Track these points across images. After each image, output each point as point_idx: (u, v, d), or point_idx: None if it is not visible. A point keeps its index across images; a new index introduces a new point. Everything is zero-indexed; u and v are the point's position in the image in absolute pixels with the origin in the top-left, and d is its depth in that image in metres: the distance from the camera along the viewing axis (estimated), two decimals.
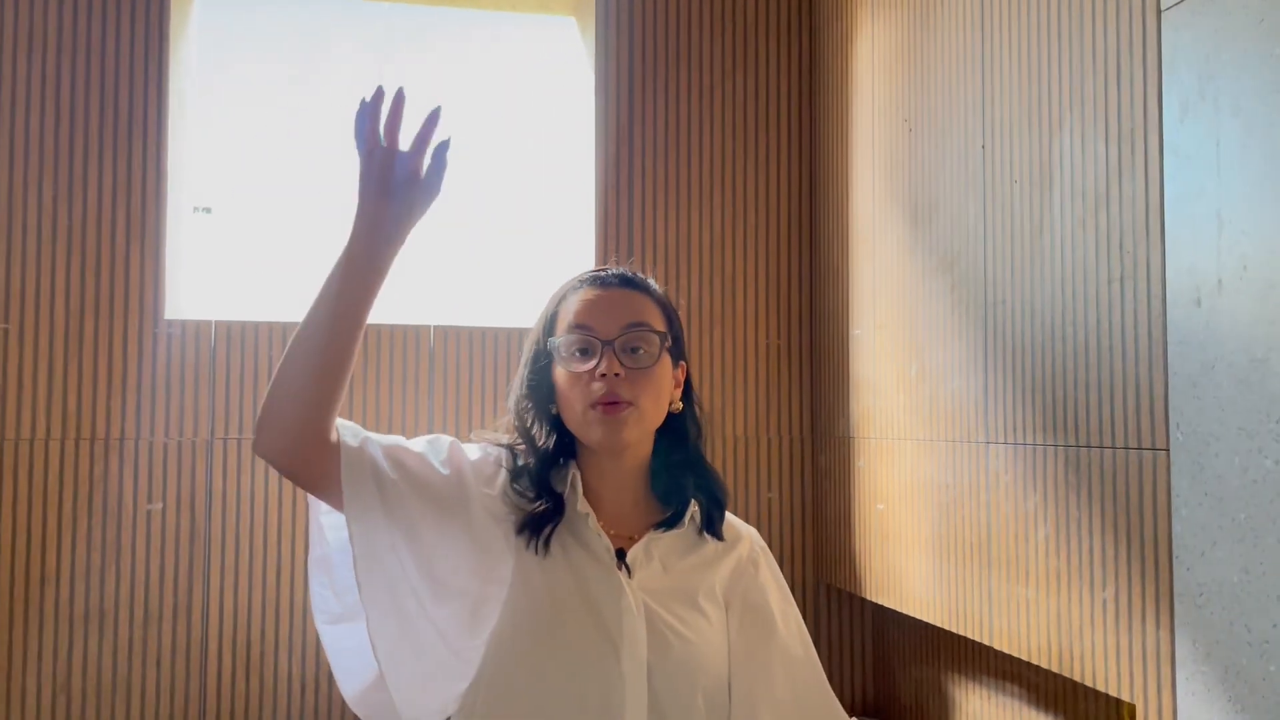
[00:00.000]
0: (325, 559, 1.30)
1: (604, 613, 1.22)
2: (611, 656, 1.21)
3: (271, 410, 1.17)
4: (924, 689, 2.19)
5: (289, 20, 2.52)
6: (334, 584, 1.29)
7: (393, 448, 1.26)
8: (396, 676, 1.20)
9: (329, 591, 1.30)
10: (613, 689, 1.20)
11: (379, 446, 1.25)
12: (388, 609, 1.20)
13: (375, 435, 1.27)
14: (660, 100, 2.43)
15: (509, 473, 1.31)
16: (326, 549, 1.29)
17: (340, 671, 1.32)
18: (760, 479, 2.42)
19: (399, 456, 1.25)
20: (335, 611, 1.30)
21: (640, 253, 2.39)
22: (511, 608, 1.23)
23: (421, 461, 1.27)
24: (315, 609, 1.31)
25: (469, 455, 1.32)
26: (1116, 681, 1.41)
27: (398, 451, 1.26)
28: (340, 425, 1.23)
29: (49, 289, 2.13)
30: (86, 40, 2.18)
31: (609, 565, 1.26)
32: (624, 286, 1.32)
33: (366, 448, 1.23)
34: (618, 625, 1.22)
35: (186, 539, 2.15)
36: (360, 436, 1.24)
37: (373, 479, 1.21)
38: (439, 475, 1.27)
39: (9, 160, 2.13)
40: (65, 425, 2.12)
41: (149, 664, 2.12)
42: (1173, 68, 1.33)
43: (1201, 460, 1.26)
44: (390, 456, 1.24)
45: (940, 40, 1.90)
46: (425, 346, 2.28)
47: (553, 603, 1.23)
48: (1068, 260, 1.53)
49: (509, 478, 1.30)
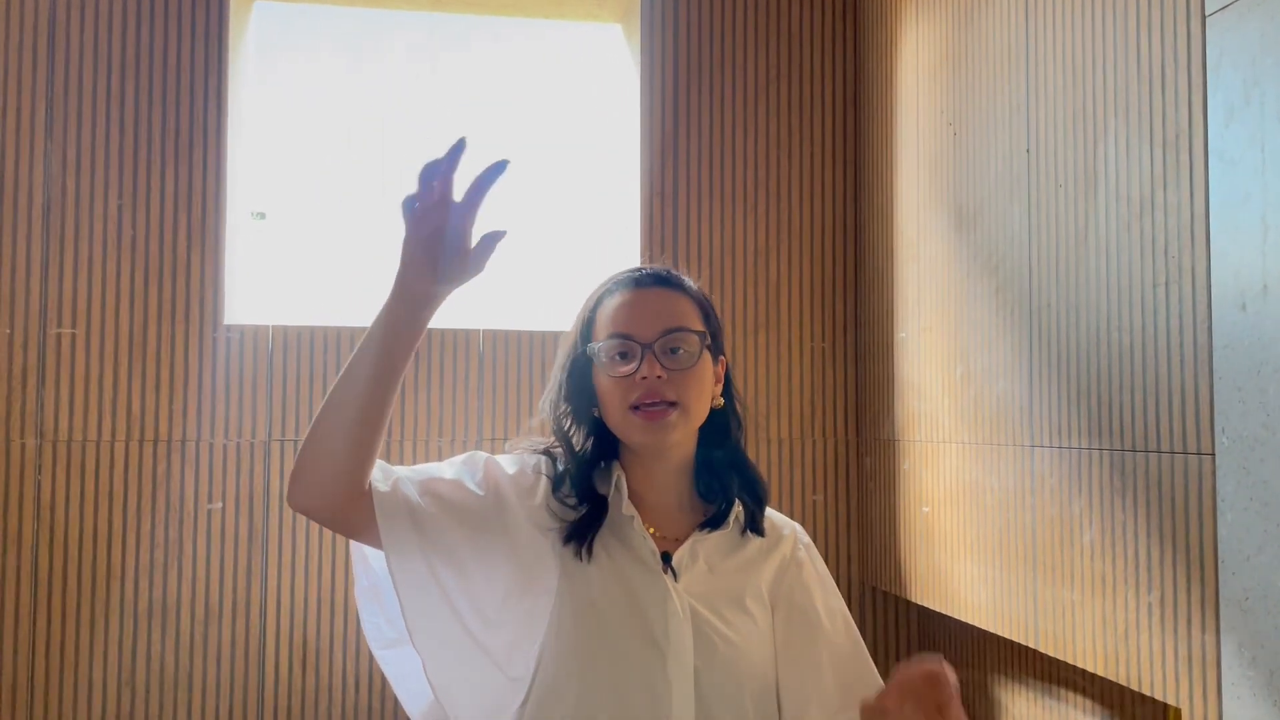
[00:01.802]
0: (373, 589, 1.30)
1: (650, 619, 1.22)
2: (658, 663, 1.21)
3: (307, 467, 1.16)
4: (970, 692, 2.19)
5: (339, 30, 2.58)
6: (384, 611, 1.30)
7: (426, 481, 1.26)
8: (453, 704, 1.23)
9: (380, 619, 1.31)
10: (659, 696, 1.20)
11: (412, 485, 1.24)
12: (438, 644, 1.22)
13: (404, 471, 1.26)
14: (705, 106, 2.45)
15: (551, 480, 1.31)
16: (373, 579, 1.30)
17: (403, 694, 1.33)
18: (805, 481, 2.44)
19: (433, 489, 1.25)
20: (389, 637, 1.31)
21: (685, 258, 2.41)
22: (558, 617, 1.23)
23: (456, 488, 1.26)
24: (369, 637, 1.32)
25: (506, 469, 1.31)
26: (1162, 685, 1.41)
27: (431, 484, 1.25)
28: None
29: (114, 296, 2.21)
30: (150, 55, 2.25)
31: (655, 569, 1.26)
32: (659, 286, 1.31)
33: (399, 489, 1.22)
34: (664, 631, 1.22)
35: (245, 538, 2.21)
36: (391, 479, 1.23)
37: (409, 520, 1.21)
38: (475, 498, 1.26)
39: (75, 172, 2.20)
40: (130, 427, 2.19)
41: (209, 659, 2.19)
42: (1218, 72, 1.32)
43: (1247, 465, 1.26)
44: (425, 491, 1.24)
45: (985, 44, 1.91)
46: (475, 350, 2.33)
47: (598, 610, 1.23)
48: (1113, 264, 1.53)
49: (550, 486, 1.30)
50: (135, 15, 2.25)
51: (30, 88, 2.20)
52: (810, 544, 1.40)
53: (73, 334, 2.19)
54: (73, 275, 2.19)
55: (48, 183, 2.19)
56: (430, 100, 2.58)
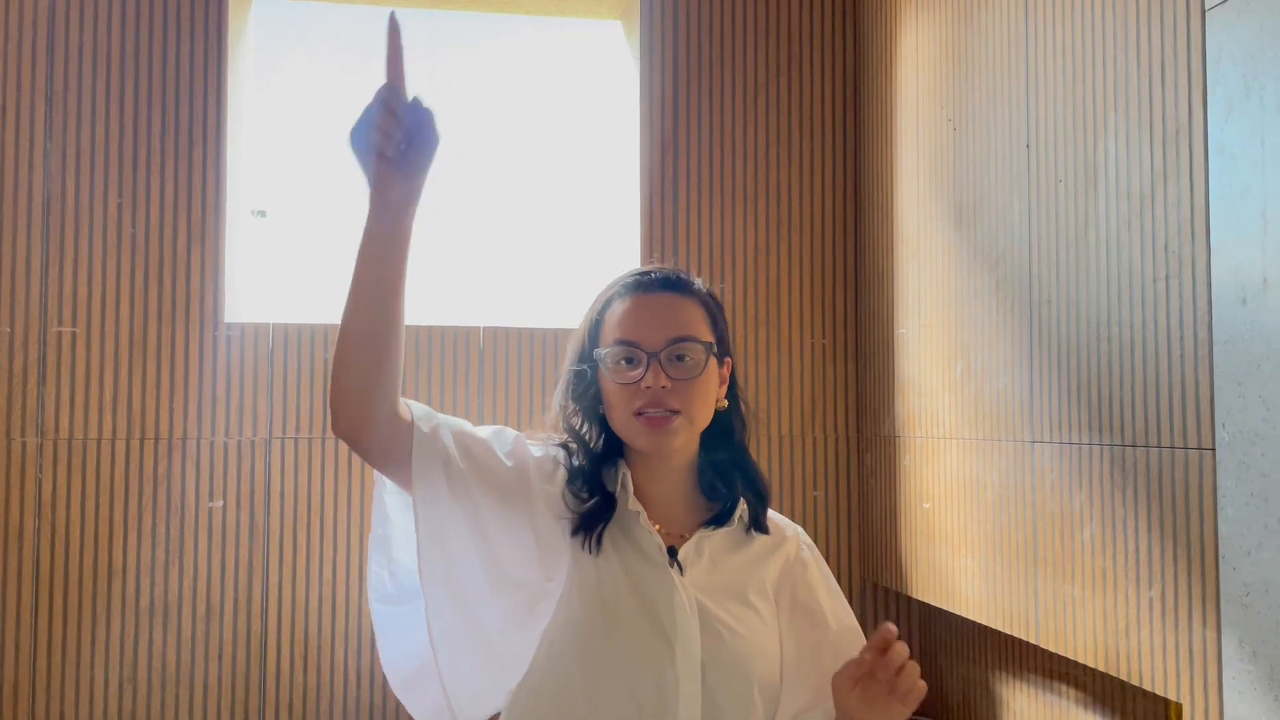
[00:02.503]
0: (386, 539, 1.32)
1: (658, 611, 1.23)
2: (666, 654, 1.22)
3: (337, 387, 1.20)
4: (971, 687, 2.19)
5: (340, 28, 2.57)
6: (392, 564, 1.32)
7: (461, 434, 1.27)
8: (449, 661, 1.22)
9: (385, 572, 1.32)
10: (667, 687, 1.21)
11: (450, 432, 1.26)
12: (446, 593, 1.22)
13: (445, 419, 1.28)
14: (705, 103, 2.45)
15: (567, 472, 1.32)
16: (389, 529, 1.31)
17: (387, 653, 1.33)
18: (806, 478, 2.44)
19: (467, 444, 1.27)
20: (390, 592, 1.32)
21: (685, 254, 2.41)
22: (566, 606, 1.24)
23: (487, 450, 1.28)
24: (371, 587, 1.33)
25: (532, 452, 1.33)
26: (1163, 680, 1.41)
27: (466, 439, 1.27)
28: (413, 407, 1.25)
29: (114, 294, 2.21)
30: (149, 54, 2.25)
31: (661, 563, 1.27)
32: (668, 291, 1.31)
33: (439, 434, 1.24)
34: (671, 623, 1.23)
35: (246, 535, 2.22)
36: (433, 422, 1.25)
37: (442, 465, 1.22)
38: (504, 466, 1.28)
39: (75, 171, 2.20)
40: (130, 426, 2.19)
41: (211, 656, 2.19)
42: (1217, 66, 1.32)
43: (1247, 459, 1.26)
44: (461, 446, 1.26)
45: (984, 40, 1.91)
46: (475, 347, 2.33)
47: (606, 602, 1.24)
48: (1113, 259, 1.53)
49: (566, 477, 1.32)
50: (135, 15, 2.25)
51: (30, 87, 2.20)
52: (813, 546, 1.42)
53: (73, 332, 2.19)
54: (73, 273, 2.19)
55: (48, 181, 2.19)
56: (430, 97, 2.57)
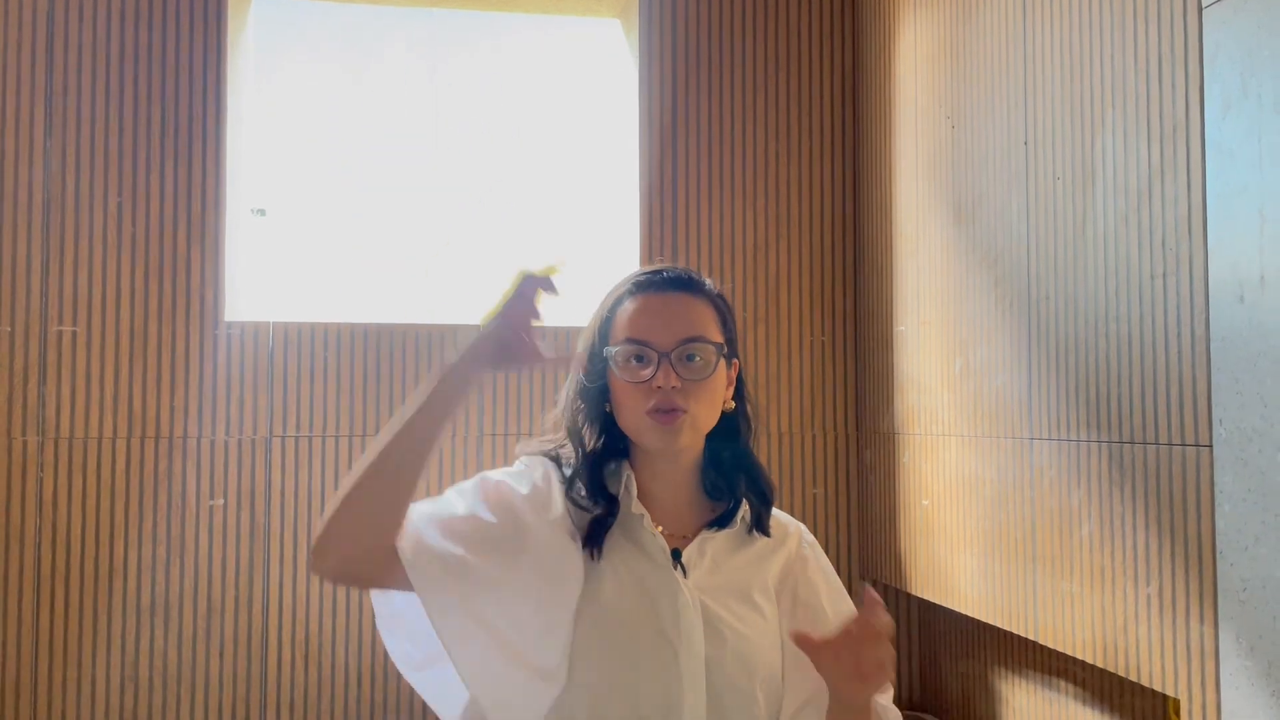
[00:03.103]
0: (396, 615, 1.28)
1: (661, 612, 1.24)
2: (670, 655, 1.23)
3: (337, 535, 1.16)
4: (970, 684, 2.20)
5: (340, 26, 2.58)
6: (411, 635, 1.28)
7: (444, 523, 1.24)
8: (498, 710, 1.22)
9: (408, 645, 1.30)
10: (671, 687, 1.22)
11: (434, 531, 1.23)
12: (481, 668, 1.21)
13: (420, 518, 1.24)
14: (704, 100, 2.45)
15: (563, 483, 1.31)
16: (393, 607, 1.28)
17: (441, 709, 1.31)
18: (805, 475, 2.44)
19: (454, 530, 1.24)
20: (418, 659, 1.30)
21: (684, 252, 2.42)
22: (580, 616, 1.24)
23: (474, 523, 1.25)
24: (398, 662, 1.31)
25: (518, 490, 1.30)
26: (1161, 676, 1.42)
27: (451, 526, 1.24)
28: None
29: (114, 293, 2.21)
30: (149, 53, 2.26)
31: (665, 565, 1.28)
32: (679, 291, 1.31)
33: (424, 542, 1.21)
34: (675, 624, 1.23)
35: (247, 533, 2.22)
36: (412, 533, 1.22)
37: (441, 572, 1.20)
38: (492, 525, 1.25)
39: (75, 170, 2.21)
40: (131, 424, 2.20)
41: (212, 654, 2.20)
42: (1214, 64, 1.33)
43: (1245, 456, 1.27)
44: (447, 534, 1.23)
45: (982, 37, 1.91)
46: None
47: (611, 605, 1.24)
48: (1111, 257, 1.54)
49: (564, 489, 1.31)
50: (134, 14, 2.25)
51: (30, 87, 2.20)
52: (814, 542, 1.41)
53: (73, 331, 2.19)
54: (73, 273, 2.20)
55: (48, 181, 2.20)
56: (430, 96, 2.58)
